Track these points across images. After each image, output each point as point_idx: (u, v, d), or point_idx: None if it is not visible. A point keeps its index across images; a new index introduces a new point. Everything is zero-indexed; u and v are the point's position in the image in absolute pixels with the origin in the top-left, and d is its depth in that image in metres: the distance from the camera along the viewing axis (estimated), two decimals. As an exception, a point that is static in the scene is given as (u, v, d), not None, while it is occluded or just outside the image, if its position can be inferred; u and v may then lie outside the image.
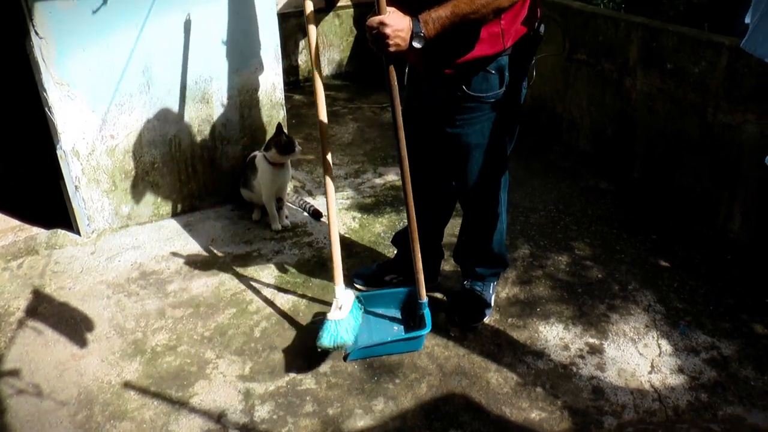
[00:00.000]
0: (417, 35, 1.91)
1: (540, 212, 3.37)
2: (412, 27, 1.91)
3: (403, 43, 1.92)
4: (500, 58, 2.10)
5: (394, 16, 1.91)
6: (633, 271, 2.90)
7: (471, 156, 2.28)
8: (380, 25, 1.90)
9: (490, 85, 2.13)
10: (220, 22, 3.06)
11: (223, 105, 3.23)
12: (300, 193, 3.54)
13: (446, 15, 1.90)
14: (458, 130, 2.23)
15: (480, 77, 2.11)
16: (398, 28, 1.90)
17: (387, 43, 1.91)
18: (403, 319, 2.58)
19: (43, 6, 2.66)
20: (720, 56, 2.94)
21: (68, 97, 2.84)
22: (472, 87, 2.13)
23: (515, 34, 2.08)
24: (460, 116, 2.20)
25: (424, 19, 1.91)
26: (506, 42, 2.06)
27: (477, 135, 2.23)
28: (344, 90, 5.10)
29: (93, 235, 3.16)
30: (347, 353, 2.42)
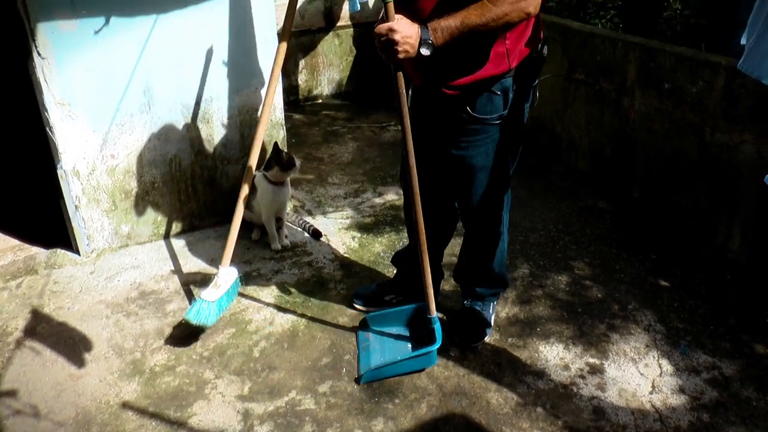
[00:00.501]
0: (425, 42, 1.92)
1: (539, 232, 3.37)
2: (421, 34, 1.92)
3: (412, 49, 1.92)
4: (505, 79, 2.11)
5: (403, 22, 1.92)
6: (633, 290, 2.90)
7: (475, 177, 2.29)
8: (389, 32, 1.91)
9: (494, 106, 2.14)
10: (220, 43, 3.09)
11: (223, 125, 3.25)
12: (300, 212, 3.54)
13: (456, 25, 1.91)
14: (463, 152, 2.24)
15: (485, 98, 2.12)
16: (407, 35, 1.91)
17: (396, 50, 1.92)
18: (413, 336, 2.57)
19: (46, 27, 2.68)
20: (717, 76, 2.96)
21: (69, 117, 2.85)
22: (476, 109, 2.14)
23: (519, 55, 2.09)
24: (465, 138, 2.21)
25: (432, 27, 1.92)
26: (511, 62, 2.08)
27: (481, 157, 2.24)
28: (344, 109, 5.13)
29: (92, 255, 3.15)
30: (360, 375, 2.40)
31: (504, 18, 1.90)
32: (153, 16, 2.89)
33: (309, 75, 5.24)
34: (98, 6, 2.76)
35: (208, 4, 2.99)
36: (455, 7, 1.94)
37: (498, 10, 1.89)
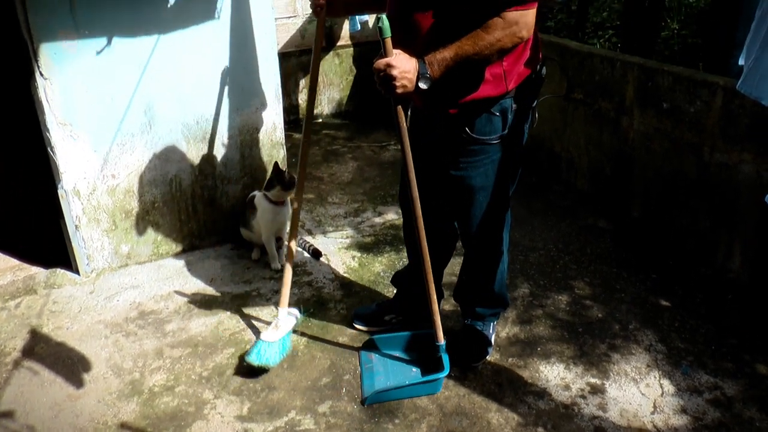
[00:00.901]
0: (423, 76, 1.94)
1: (539, 251, 3.37)
2: (418, 68, 1.94)
3: (410, 84, 1.95)
4: (503, 100, 2.12)
5: (401, 58, 1.94)
6: (633, 310, 2.89)
7: (475, 198, 2.29)
8: (387, 67, 1.93)
9: (493, 127, 2.15)
10: (221, 62, 3.11)
11: (224, 144, 3.26)
12: (300, 232, 3.54)
13: (450, 56, 1.93)
14: (462, 173, 2.24)
15: (484, 119, 2.13)
16: (405, 70, 1.93)
17: (394, 85, 1.94)
18: (419, 361, 2.56)
19: (49, 47, 2.71)
20: (715, 96, 2.98)
21: (71, 137, 2.87)
22: (475, 129, 2.15)
23: (518, 76, 2.11)
24: (464, 159, 2.21)
25: (429, 60, 1.94)
26: (509, 84, 2.09)
27: (481, 177, 2.24)
28: (344, 129, 5.15)
29: (92, 275, 3.15)
30: (364, 397, 2.39)
31: (497, 44, 1.92)
32: (155, 36, 2.92)
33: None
34: (100, 26, 2.79)
35: (210, 24, 3.02)
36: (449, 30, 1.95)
37: (490, 37, 1.90)
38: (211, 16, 3.02)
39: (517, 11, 1.89)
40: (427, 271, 2.28)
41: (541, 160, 4.20)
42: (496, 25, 1.90)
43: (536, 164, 4.21)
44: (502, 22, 1.89)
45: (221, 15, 3.03)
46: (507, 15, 1.89)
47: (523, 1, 1.88)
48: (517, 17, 1.90)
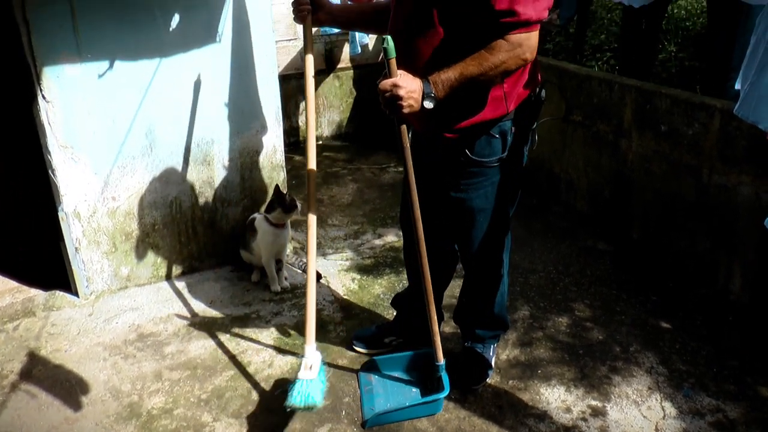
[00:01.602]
0: (428, 96, 1.95)
1: (539, 273, 3.36)
2: (423, 88, 1.95)
3: (416, 104, 1.95)
4: (503, 123, 2.13)
5: (406, 78, 1.95)
6: (634, 332, 2.88)
7: (475, 220, 2.30)
8: (394, 87, 1.94)
9: (493, 149, 2.16)
10: (222, 85, 3.13)
11: (224, 167, 3.27)
12: (299, 254, 3.54)
13: (455, 77, 1.95)
14: (462, 195, 2.25)
15: (483, 141, 2.15)
16: (411, 89, 1.94)
17: (401, 105, 1.94)
18: (418, 381, 2.54)
19: (51, 71, 2.73)
20: (713, 118, 3.00)
21: (72, 159, 2.88)
22: (475, 152, 2.16)
23: (517, 98, 2.12)
24: (465, 181, 2.22)
25: (433, 80, 1.96)
26: (509, 106, 2.10)
27: (481, 199, 2.25)
28: (344, 151, 5.17)
29: (91, 297, 3.14)
30: (365, 420, 2.37)
31: (502, 66, 1.94)
32: (156, 60, 2.94)
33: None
34: (103, 50, 2.82)
35: (211, 48, 3.05)
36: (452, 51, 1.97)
37: (495, 58, 1.92)
38: (213, 40, 3.05)
39: (522, 33, 1.91)
40: (427, 290, 2.27)
41: (541, 182, 4.21)
42: (501, 47, 1.92)
43: (536, 186, 4.22)
44: (506, 44, 1.91)
45: (222, 38, 3.06)
46: (511, 37, 1.91)
47: (527, 24, 1.90)
48: (522, 39, 1.92)
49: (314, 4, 2.41)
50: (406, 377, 2.58)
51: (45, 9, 2.66)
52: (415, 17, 2.08)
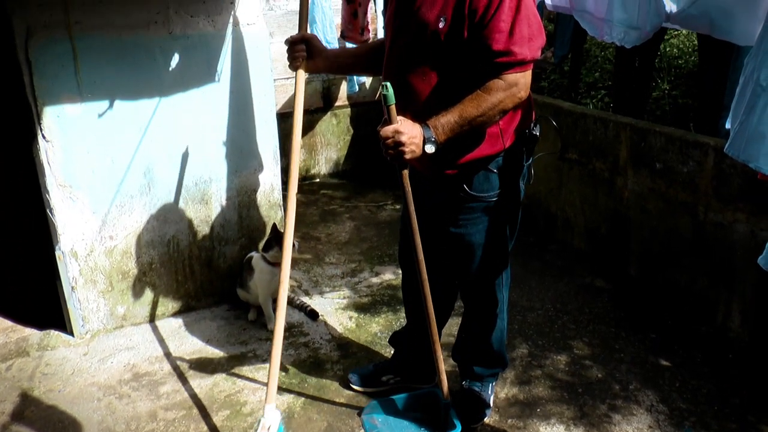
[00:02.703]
0: (429, 140, 1.97)
1: (537, 311, 3.35)
2: (423, 132, 1.97)
3: (418, 149, 1.97)
4: (500, 158, 2.16)
5: (407, 124, 1.97)
6: (633, 370, 2.86)
7: (474, 255, 2.30)
8: (396, 134, 1.95)
9: (491, 184, 2.18)
10: (221, 124, 3.16)
11: (222, 206, 3.28)
12: (296, 292, 3.53)
13: (455, 120, 1.97)
14: (461, 230, 2.26)
15: (481, 177, 2.17)
16: (412, 135, 1.95)
17: (403, 151, 1.96)
18: (424, 422, 2.49)
19: (52, 110, 2.76)
20: (707, 156, 3.02)
21: (70, 198, 2.89)
22: (473, 187, 2.18)
23: (514, 134, 2.16)
24: (463, 216, 2.24)
25: (433, 124, 1.98)
26: (506, 141, 2.14)
27: (480, 234, 2.26)
28: (341, 189, 5.19)
29: (87, 336, 3.12)
30: None
31: (500, 105, 1.97)
32: (155, 99, 2.98)
33: (307, 154, 5.33)
34: (103, 90, 2.85)
35: (210, 87, 3.08)
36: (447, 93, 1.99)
37: (493, 98, 1.95)
38: (212, 79, 3.09)
39: (518, 73, 1.95)
40: (432, 328, 2.25)
41: (538, 220, 4.23)
42: (498, 87, 1.95)
43: (533, 224, 4.23)
44: (503, 83, 1.95)
45: (221, 78, 3.10)
46: (508, 77, 1.95)
47: (522, 63, 1.94)
48: (518, 78, 1.96)
49: (309, 50, 2.41)
50: (412, 418, 2.53)
51: (47, 50, 2.70)
52: (408, 60, 2.11)
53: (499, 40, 1.91)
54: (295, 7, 4.92)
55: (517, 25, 1.91)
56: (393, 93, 1.95)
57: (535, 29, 1.95)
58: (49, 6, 2.68)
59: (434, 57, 2.05)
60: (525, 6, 1.92)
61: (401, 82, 2.11)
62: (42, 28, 2.68)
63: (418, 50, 2.08)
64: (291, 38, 2.42)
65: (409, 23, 2.11)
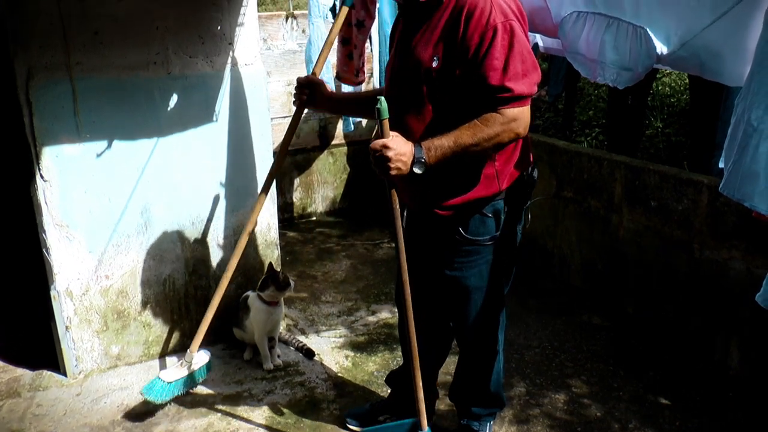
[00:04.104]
0: (419, 161, 1.97)
1: (535, 349, 3.34)
2: (414, 152, 1.98)
3: (405, 167, 1.97)
4: (496, 201, 2.16)
5: (397, 140, 1.98)
6: (632, 408, 2.84)
7: (469, 298, 2.30)
8: (383, 148, 1.96)
9: (487, 228, 2.18)
10: (218, 163, 3.18)
11: (218, 245, 3.28)
12: (293, 331, 3.51)
13: (449, 144, 1.97)
14: (457, 273, 2.25)
15: (477, 220, 2.17)
16: (400, 152, 1.96)
17: (389, 166, 1.97)
18: None
19: (51, 150, 2.78)
20: (701, 194, 3.05)
21: (66, 238, 2.89)
22: (469, 230, 2.17)
23: (510, 177, 2.16)
24: (459, 259, 2.23)
25: (426, 146, 1.98)
26: (502, 184, 2.13)
27: (475, 278, 2.25)
28: (337, 227, 5.19)
29: (80, 376, 3.09)
30: None
31: (495, 138, 1.97)
32: (154, 139, 3.00)
33: (303, 193, 5.35)
34: (102, 130, 2.88)
35: (208, 127, 3.11)
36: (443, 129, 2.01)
37: (490, 130, 1.96)
38: (210, 119, 3.12)
39: (516, 108, 1.96)
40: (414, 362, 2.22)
41: (534, 257, 4.23)
42: (496, 120, 1.95)
43: (529, 261, 4.23)
44: (501, 117, 1.95)
45: (219, 117, 3.14)
46: (506, 111, 1.95)
47: (519, 98, 1.95)
48: (517, 114, 1.96)
49: (314, 94, 2.51)
50: None
51: (48, 91, 2.74)
52: (404, 98, 2.14)
53: (494, 77, 1.92)
54: (292, 47, 5.01)
55: (511, 61, 1.92)
56: (387, 107, 1.97)
57: (530, 65, 1.96)
58: (50, 47, 2.72)
59: (429, 95, 2.07)
60: (518, 42, 1.93)
61: (398, 119, 2.14)
62: (43, 69, 2.72)
63: (413, 88, 2.11)
64: (298, 80, 2.53)
65: (406, 62, 2.14)
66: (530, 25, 3.13)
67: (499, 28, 1.92)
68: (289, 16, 5.04)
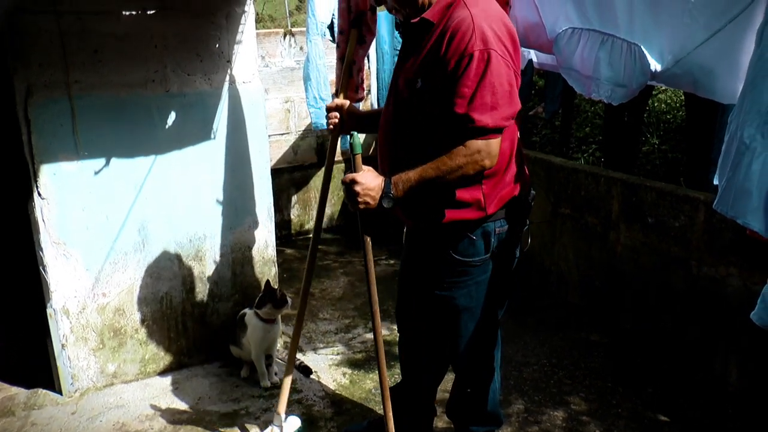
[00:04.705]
0: (387, 195, 2.00)
1: (533, 366, 3.33)
2: (383, 187, 2.00)
3: (373, 201, 2.01)
4: (486, 224, 2.13)
5: (367, 175, 2.01)
6: (632, 425, 2.83)
7: (460, 318, 2.26)
8: (352, 183, 2.01)
9: (476, 249, 2.15)
10: (216, 181, 3.19)
11: (215, 262, 3.28)
12: (290, 348, 3.50)
13: (414, 178, 1.99)
14: (446, 293, 2.22)
15: (466, 242, 2.14)
16: (368, 187, 1.99)
17: (357, 200, 2.00)
18: None
19: (49, 168, 2.78)
20: (697, 211, 3.06)
21: (64, 255, 2.88)
22: (458, 251, 2.15)
23: (499, 201, 2.12)
24: (449, 279, 2.20)
25: (395, 180, 2.00)
26: (489, 208, 2.10)
27: (465, 298, 2.22)
28: (335, 244, 5.19)
29: (76, 395, 3.07)
30: None
31: (459, 171, 1.96)
32: (152, 157, 3.01)
33: (301, 210, 5.36)
34: (100, 148, 2.89)
35: (205, 144, 3.12)
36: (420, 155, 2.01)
37: (453, 163, 1.95)
38: (208, 137, 3.13)
39: (480, 141, 1.94)
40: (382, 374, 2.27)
41: (532, 274, 4.23)
42: (459, 152, 1.95)
43: (527, 278, 4.23)
44: (464, 149, 1.94)
45: (217, 135, 3.15)
46: (470, 143, 1.94)
47: (483, 131, 1.93)
48: (480, 146, 1.94)
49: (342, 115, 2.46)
50: None
51: (46, 109, 2.75)
52: (395, 118, 2.16)
53: (461, 104, 1.91)
54: (290, 64, 5.03)
55: (480, 91, 1.90)
56: (359, 143, 2.03)
57: (501, 97, 1.92)
58: (49, 65, 2.73)
59: (414, 117, 2.07)
60: (491, 73, 1.90)
61: (388, 139, 2.16)
62: (42, 87, 2.73)
63: (402, 110, 2.12)
64: (328, 107, 2.50)
65: (398, 83, 2.16)
66: (525, 41, 3.15)
67: (475, 56, 1.89)
68: (287, 33, 5.07)
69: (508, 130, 2.04)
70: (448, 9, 2.01)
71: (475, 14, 1.94)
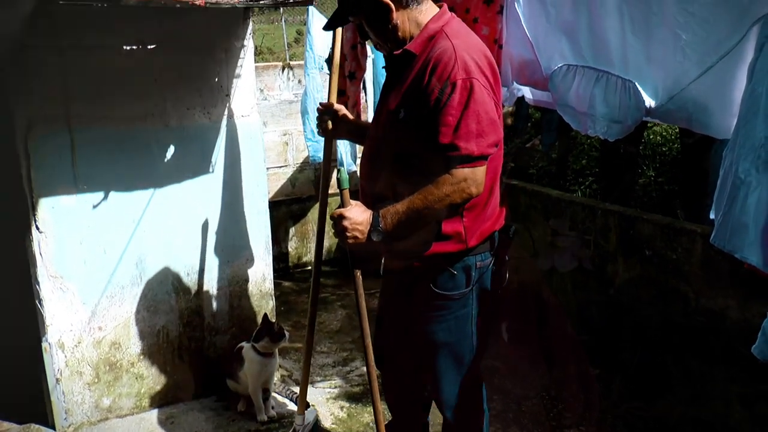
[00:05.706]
0: (375, 229, 1.98)
1: (532, 399, 3.30)
2: (371, 221, 1.99)
3: (361, 236, 1.99)
4: (466, 258, 2.10)
5: (355, 209, 2.00)
6: (632, 462, 2.80)
7: (438, 354, 2.21)
8: (340, 218, 2.00)
9: (456, 283, 2.12)
10: (214, 214, 3.19)
11: (213, 296, 3.27)
12: (287, 382, 3.47)
13: (402, 210, 1.97)
14: (425, 327, 2.19)
15: (446, 275, 2.11)
16: (357, 222, 1.99)
17: (346, 235, 2.00)
18: None
19: (47, 202, 2.79)
20: (695, 243, 3.06)
21: (60, 289, 2.88)
22: (438, 284, 2.12)
23: (480, 235, 2.10)
24: (428, 313, 2.17)
25: (382, 213, 1.99)
26: (469, 241, 2.07)
27: (444, 333, 2.17)
28: (332, 276, 5.17)
29: (69, 429, 3.03)
30: None
31: (446, 200, 1.94)
32: (150, 191, 3.02)
33: (299, 242, 5.35)
34: (99, 182, 2.90)
35: (204, 178, 3.14)
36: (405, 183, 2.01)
37: (439, 192, 1.93)
38: (206, 170, 3.14)
39: (466, 168, 1.93)
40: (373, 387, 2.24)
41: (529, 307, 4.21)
42: (446, 181, 1.93)
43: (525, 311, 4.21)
44: (451, 178, 1.93)
45: (215, 168, 3.16)
46: (456, 172, 1.93)
47: (469, 159, 1.92)
48: (467, 174, 1.93)
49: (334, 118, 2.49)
50: None
51: (46, 142, 2.77)
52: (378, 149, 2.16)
53: (446, 133, 1.91)
54: (288, 97, 5.08)
55: (464, 120, 1.90)
56: (347, 178, 2.04)
57: (485, 125, 1.92)
58: (50, 99, 2.76)
59: (396, 148, 2.06)
60: (475, 101, 1.90)
61: (371, 170, 2.16)
62: (42, 120, 2.75)
63: (385, 140, 2.12)
64: (318, 109, 2.53)
65: (381, 114, 2.17)
66: (520, 78, 3.19)
67: (458, 85, 1.90)
68: (286, 66, 5.13)
69: (491, 163, 2.02)
70: (431, 41, 2.02)
71: (457, 45, 1.96)
